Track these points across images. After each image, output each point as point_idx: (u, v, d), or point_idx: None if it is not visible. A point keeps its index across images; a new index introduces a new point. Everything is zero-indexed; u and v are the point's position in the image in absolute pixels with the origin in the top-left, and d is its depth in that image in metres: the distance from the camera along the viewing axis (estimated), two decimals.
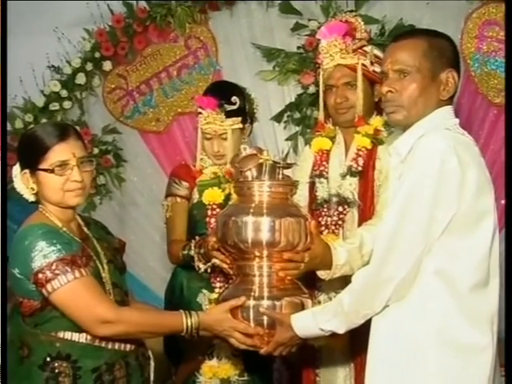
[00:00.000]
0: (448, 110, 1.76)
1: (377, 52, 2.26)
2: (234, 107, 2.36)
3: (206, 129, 2.38)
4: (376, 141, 2.22)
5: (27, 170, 1.79)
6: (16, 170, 1.83)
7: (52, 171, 1.74)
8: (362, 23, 2.28)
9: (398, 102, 1.73)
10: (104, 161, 3.51)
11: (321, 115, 2.33)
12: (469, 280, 1.65)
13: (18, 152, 1.84)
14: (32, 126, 3.40)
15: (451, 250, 1.64)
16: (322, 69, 2.27)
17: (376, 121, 2.26)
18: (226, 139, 2.36)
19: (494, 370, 1.68)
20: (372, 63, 2.23)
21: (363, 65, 2.22)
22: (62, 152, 1.75)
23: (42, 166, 1.75)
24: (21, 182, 1.81)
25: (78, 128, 2.21)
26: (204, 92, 2.50)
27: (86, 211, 3.35)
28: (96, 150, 3.49)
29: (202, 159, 2.46)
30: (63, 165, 1.75)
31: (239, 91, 2.42)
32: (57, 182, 1.76)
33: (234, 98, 2.36)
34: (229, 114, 2.35)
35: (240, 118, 2.38)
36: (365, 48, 2.24)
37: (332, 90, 2.26)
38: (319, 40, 2.31)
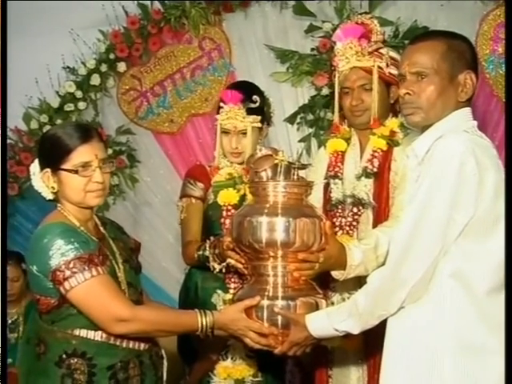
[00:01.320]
0: (466, 112, 1.75)
1: (392, 54, 2.26)
2: (255, 106, 2.36)
3: (225, 124, 2.37)
4: (392, 142, 2.22)
5: (48, 170, 1.80)
6: (34, 168, 1.85)
7: (76, 172, 1.76)
8: (378, 25, 2.28)
9: (415, 104, 1.72)
10: (118, 161, 3.52)
11: (336, 117, 2.33)
12: (485, 283, 1.64)
13: (38, 151, 1.85)
14: (47, 126, 3.43)
15: (468, 252, 1.63)
16: (337, 71, 2.27)
17: (392, 122, 2.25)
18: (245, 135, 2.35)
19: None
20: (388, 65, 2.22)
21: (379, 67, 2.21)
22: (85, 153, 1.77)
23: (64, 167, 1.76)
24: (40, 180, 1.82)
25: None
26: (226, 88, 2.51)
27: (100, 211, 3.32)
28: (110, 151, 3.50)
29: None
30: (86, 166, 1.77)
31: (259, 91, 2.43)
32: (79, 183, 1.77)
33: (255, 97, 2.37)
34: (249, 112, 2.35)
35: (260, 117, 2.39)
36: (381, 50, 2.24)
37: (348, 92, 2.26)
38: (334, 42, 2.31)
